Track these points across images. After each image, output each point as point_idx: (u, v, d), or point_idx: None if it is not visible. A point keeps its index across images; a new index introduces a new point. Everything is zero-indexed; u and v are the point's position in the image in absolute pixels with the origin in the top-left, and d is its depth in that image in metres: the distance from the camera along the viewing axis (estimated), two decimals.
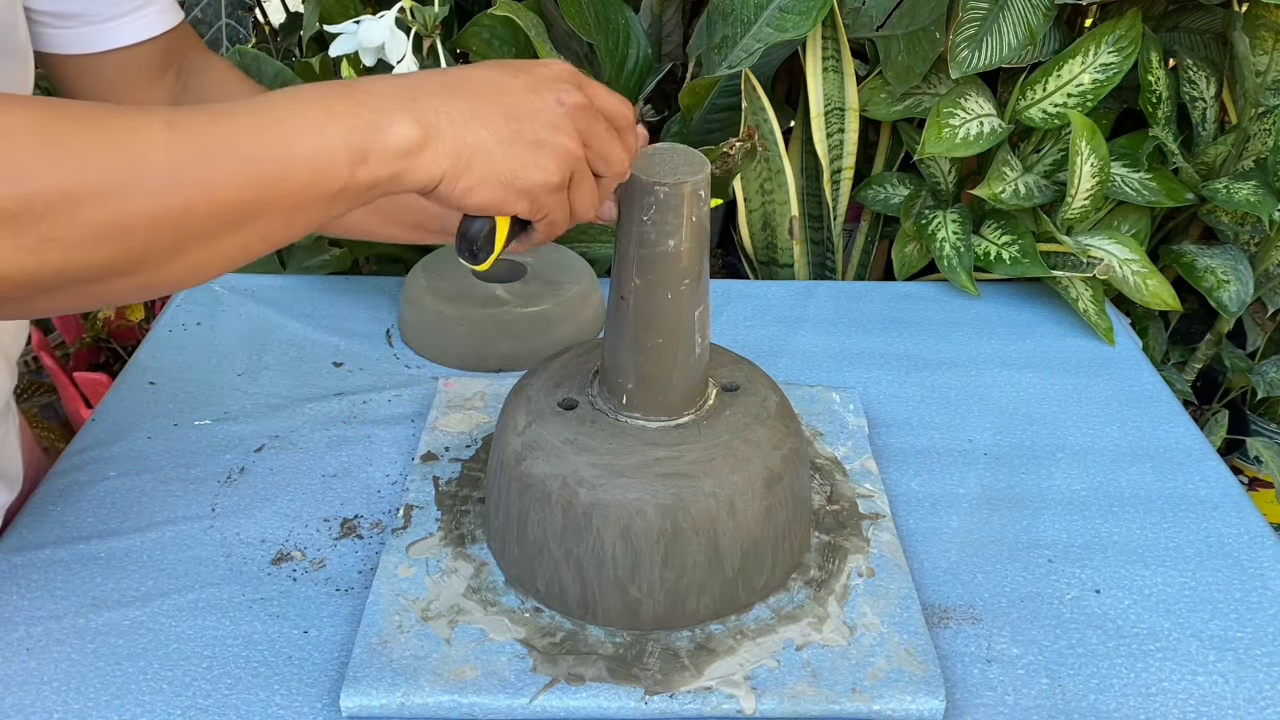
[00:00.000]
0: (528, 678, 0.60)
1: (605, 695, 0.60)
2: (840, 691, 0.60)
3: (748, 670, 0.61)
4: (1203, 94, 1.12)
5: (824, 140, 1.13)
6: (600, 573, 0.63)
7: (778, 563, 0.67)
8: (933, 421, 0.87)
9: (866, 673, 0.61)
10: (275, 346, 0.94)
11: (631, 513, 0.61)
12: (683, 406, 0.66)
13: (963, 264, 1.04)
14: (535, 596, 0.66)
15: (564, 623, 0.64)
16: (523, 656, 0.62)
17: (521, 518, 0.64)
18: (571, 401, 0.67)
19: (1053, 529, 0.76)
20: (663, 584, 0.63)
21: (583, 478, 0.62)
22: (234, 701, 0.61)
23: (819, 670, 0.61)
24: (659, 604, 0.63)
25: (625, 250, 0.62)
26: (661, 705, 0.59)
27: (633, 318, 0.63)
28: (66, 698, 0.61)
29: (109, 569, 0.70)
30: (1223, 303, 1.08)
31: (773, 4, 1.09)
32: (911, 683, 0.60)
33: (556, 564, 0.64)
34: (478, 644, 0.62)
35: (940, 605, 0.69)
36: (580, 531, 0.62)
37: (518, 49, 1.15)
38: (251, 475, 0.79)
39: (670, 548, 0.62)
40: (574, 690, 0.60)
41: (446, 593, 0.66)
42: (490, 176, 0.48)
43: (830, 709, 0.59)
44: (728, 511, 0.62)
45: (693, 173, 0.59)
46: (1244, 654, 0.66)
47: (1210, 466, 0.82)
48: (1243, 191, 1.05)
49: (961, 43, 1.04)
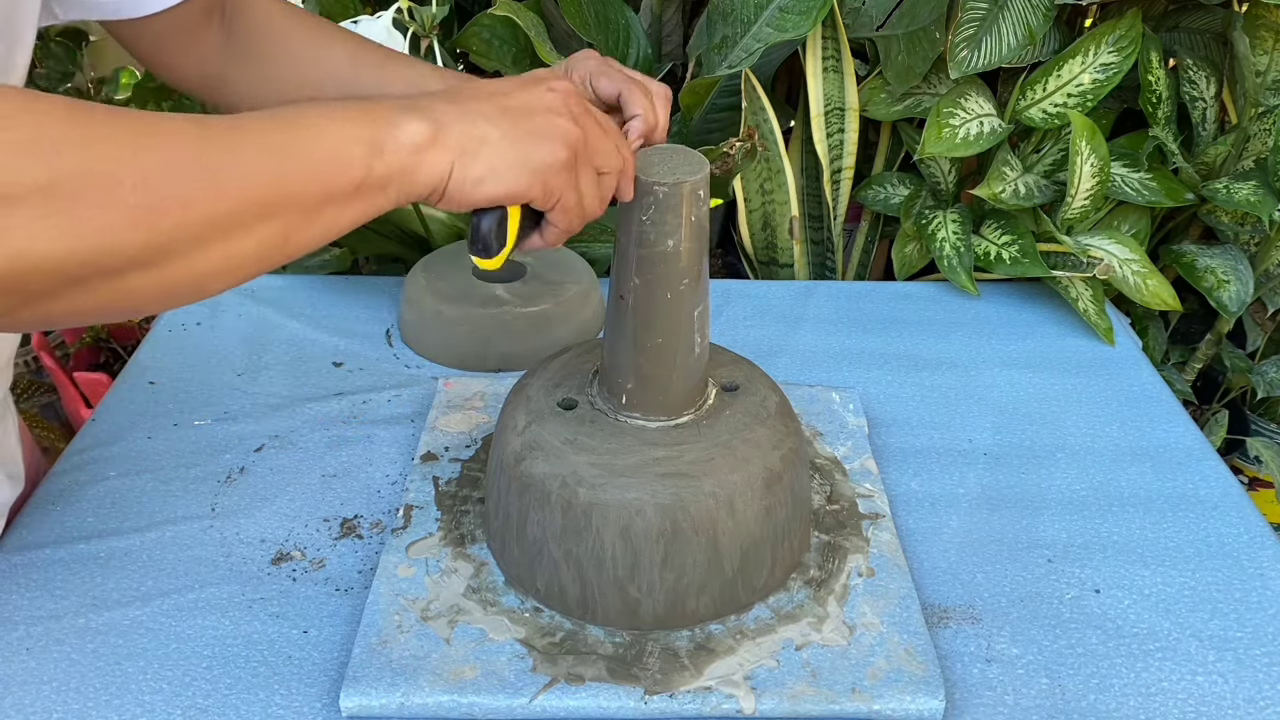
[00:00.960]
0: (527, 678, 0.60)
1: (605, 695, 0.60)
2: (840, 691, 0.60)
3: (747, 670, 0.61)
4: (1203, 94, 1.12)
5: (824, 140, 1.13)
6: (600, 573, 0.63)
7: (777, 562, 0.67)
8: (933, 421, 0.87)
9: (866, 673, 0.61)
10: (275, 346, 0.94)
11: (631, 512, 0.61)
12: (682, 406, 0.66)
13: (963, 264, 1.04)
14: (535, 596, 0.66)
15: (564, 622, 0.64)
16: (522, 656, 0.62)
17: (521, 518, 0.64)
18: (571, 401, 0.67)
19: (1052, 529, 0.76)
20: (662, 584, 0.63)
21: (582, 477, 0.62)
22: (234, 701, 0.61)
23: (819, 670, 0.61)
24: (658, 604, 0.63)
25: (625, 250, 0.61)
26: (661, 705, 0.60)
27: (632, 317, 0.63)
28: (66, 697, 0.61)
29: (109, 569, 0.70)
30: (1223, 303, 1.08)
31: (773, 4, 1.09)
32: (911, 682, 0.60)
33: (556, 564, 0.64)
34: (477, 644, 0.62)
35: (940, 605, 0.69)
36: (580, 531, 0.62)
37: (518, 49, 1.15)
38: (251, 475, 0.79)
39: (670, 548, 0.62)
40: (574, 690, 0.60)
41: (446, 593, 0.66)
42: (499, 164, 0.49)
43: (830, 709, 0.59)
44: (727, 511, 0.62)
45: (692, 172, 0.59)
46: (1244, 654, 0.66)
47: (1210, 466, 0.82)
48: (1243, 191, 1.05)
49: (961, 43, 1.04)
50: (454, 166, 0.49)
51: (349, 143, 0.46)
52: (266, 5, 0.75)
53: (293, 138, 0.45)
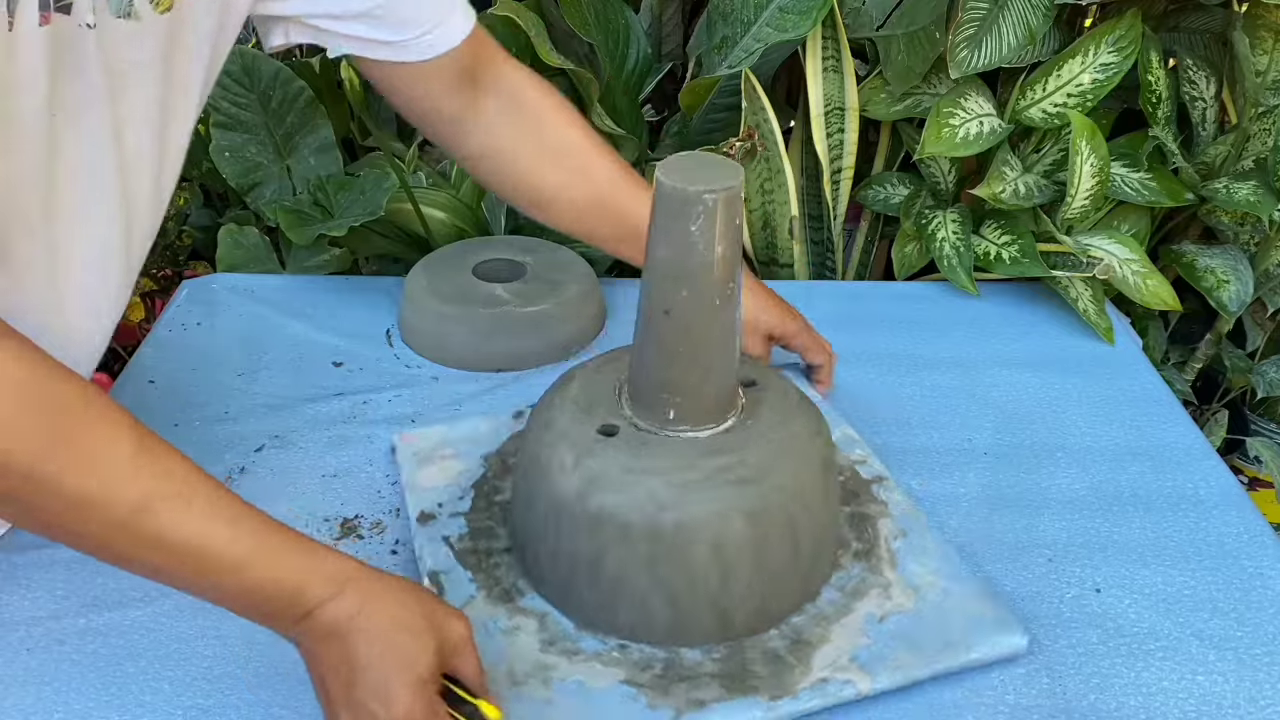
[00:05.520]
0: (649, 715, 0.59)
1: (731, 712, 0.59)
2: (936, 651, 0.63)
3: (850, 653, 0.62)
4: (1203, 94, 1.12)
5: (824, 140, 1.13)
6: (693, 592, 0.61)
7: (834, 543, 0.68)
8: (933, 421, 0.87)
9: (950, 629, 0.64)
10: (275, 346, 0.94)
11: (721, 525, 0.60)
12: (726, 410, 0.65)
13: (963, 264, 1.04)
14: (617, 634, 0.63)
15: (655, 652, 0.63)
16: (633, 697, 0.60)
17: (595, 557, 0.62)
18: (611, 427, 0.64)
19: (1053, 528, 0.76)
20: (752, 590, 0.62)
21: (662, 501, 0.60)
22: (234, 702, 0.61)
23: (909, 637, 0.64)
24: (749, 611, 0.63)
25: (665, 265, 0.60)
26: (787, 708, 0.59)
27: (680, 331, 0.61)
28: (67, 698, 0.61)
29: (109, 569, 0.69)
30: (1223, 303, 1.08)
31: (773, 4, 1.09)
32: (993, 626, 0.64)
33: (643, 594, 0.62)
34: (581, 696, 0.60)
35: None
36: (668, 555, 0.60)
37: (518, 49, 1.15)
38: (251, 475, 0.79)
39: (759, 552, 0.61)
40: (700, 715, 0.59)
41: (522, 652, 0.63)
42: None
43: (935, 669, 0.62)
44: (801, 505, 0.63)
45: (730, 178, 0.58)
46: (1244, 653, 0.66)
47: (1210, 466, 0.82)
48: (1243, 191, 1.05)
49: (961, 43, 1.04)
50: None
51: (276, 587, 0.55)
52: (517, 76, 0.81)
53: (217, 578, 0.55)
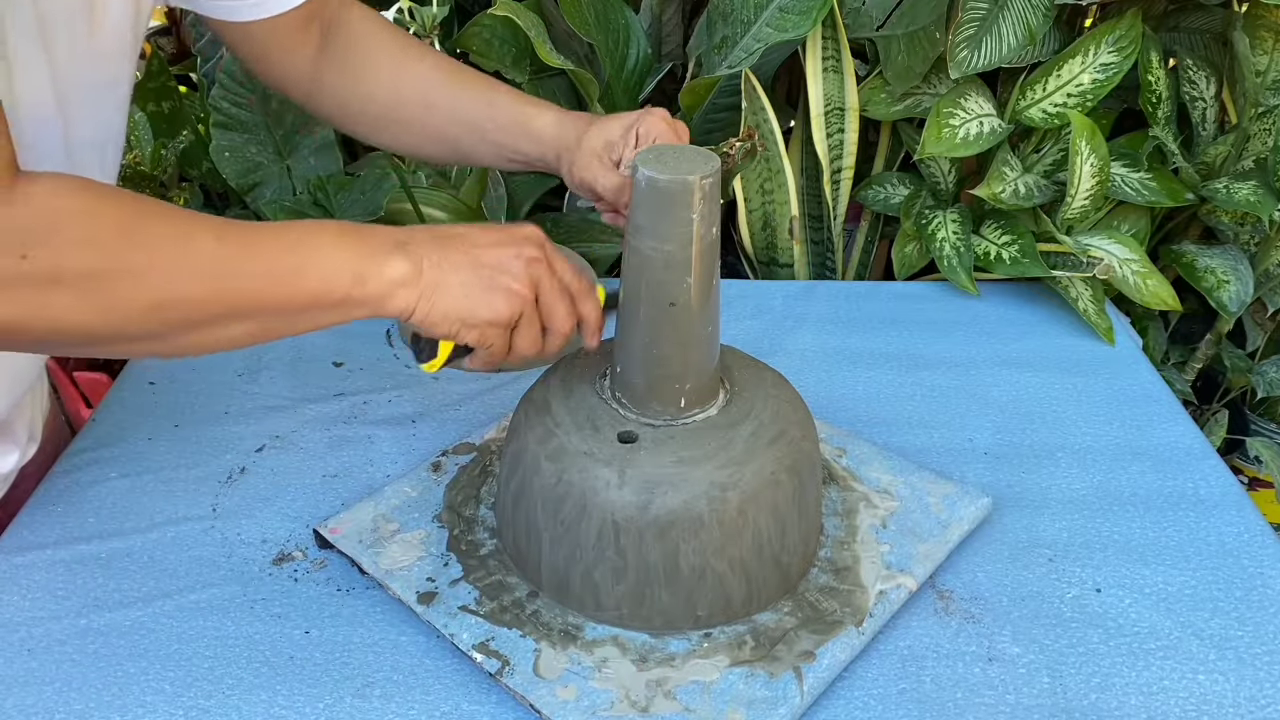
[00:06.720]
0: (776, 685, 0.61)
1: (838, 651, 0.63)
2: (939, 533, 0.72)
3: (883, 562, 0.69)
4: (1203, 94, 1.12)
5: (824, 140, 1.13)
6: (760, 559, 0.64)
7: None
8: (933, 421, 0.87)
9: (936, 512, 0.73)
10: (275, 346, 0.94)
11: (774, 488, 0.63)
12: (718, 386, 0.67)
13: (963, 264, 1.04)
14: (695, 627, 0.65)
15: (737, 628, 0.65)
16: (750, 674, 0.62)
17: (668, 561, 0.62)
18: (628, 434, 0.64)
19: (1053, 528, 0.76)
20: (800, 536, 0.66)
21: (722, 483, 0.62)
22: (235, 702, 0.61)
23: (912, 531, 0.72)
24: (799, 558, 0.67)
25: (666, 257, 0.60)
26: (871, 627, 0.65)
27: (689, 319, 0.62)
28: (68, 698, 0.61)
29: (110, 569, 0.70)
30: (1223, 303, 1.08)
31: (773, 4, 1.09)
32: (961, 498, 0.75)
33: (720, 577, 0.64)
34: (706, 695, 0.61)
35: (943, 587, 0.69)
36: (740, 532, 0.62)
37: (518, 49, 1.15)
38: (252, 475, 0.79)
39: (801, 498, 0.65)
40: (816, 666, 0.62)
41: (626, 680, 0.62)
42: (450, 311, 0.58)
43: (948, 548, 0.71)
44: (811, 445, 0.68)
45: (708, 160, 0.59)
46: (1244, 653, 0.66)
47: (1210, 466, 0.82)
48: (1243, 191, 1.05)
49: (961, 43, 1.04)
50: (418, 304, 0.58)
51: (339, 271, 0.56)
52: (362, 20, 0.79)
53: (291, 261, 0.55)
